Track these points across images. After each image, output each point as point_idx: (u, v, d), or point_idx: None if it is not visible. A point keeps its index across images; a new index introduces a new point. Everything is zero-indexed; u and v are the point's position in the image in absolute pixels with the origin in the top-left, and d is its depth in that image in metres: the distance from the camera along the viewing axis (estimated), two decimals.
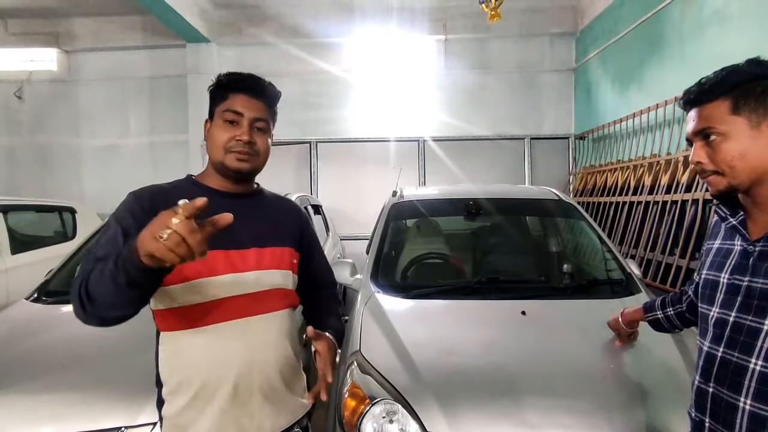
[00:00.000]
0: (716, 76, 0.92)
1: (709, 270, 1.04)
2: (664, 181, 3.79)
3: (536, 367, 1.51)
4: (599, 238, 2.40)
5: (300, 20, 6.11)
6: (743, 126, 0.89)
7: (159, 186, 1.08)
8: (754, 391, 0.88)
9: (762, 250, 0.91)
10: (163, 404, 1.04)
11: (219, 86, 1.08)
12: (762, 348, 0.88)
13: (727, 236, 1.02)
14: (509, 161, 5.84)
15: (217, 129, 1.05)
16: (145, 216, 0.88)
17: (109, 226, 0.98)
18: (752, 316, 0.90)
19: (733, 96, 0.90)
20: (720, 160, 0.91)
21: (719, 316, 0.97)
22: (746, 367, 0.89)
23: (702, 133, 0.93)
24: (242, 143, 1.03)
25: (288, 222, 1.18)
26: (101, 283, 0.83)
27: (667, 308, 1.35)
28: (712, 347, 0.97)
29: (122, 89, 6.52)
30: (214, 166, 1.08)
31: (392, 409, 1.36)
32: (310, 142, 5.81)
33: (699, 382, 1.00)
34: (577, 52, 6.13)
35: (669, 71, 4.08)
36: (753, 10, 3.12)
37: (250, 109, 1.05)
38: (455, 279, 2.42)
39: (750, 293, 0.91)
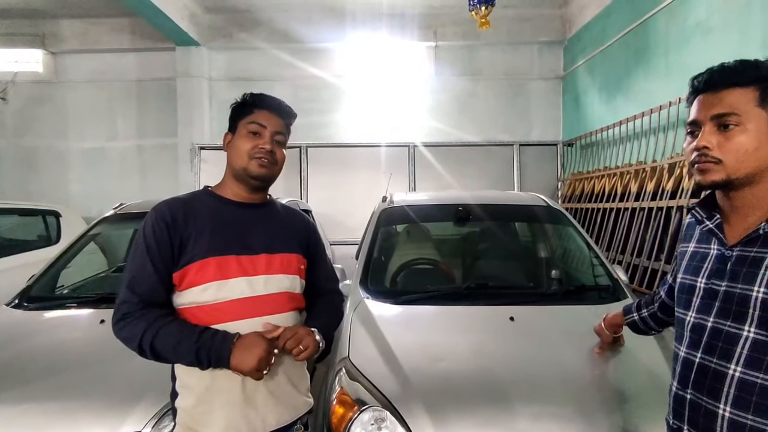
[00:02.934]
0: (743, 62, 0.88)
1: (685, 274, 1.02)
2: (650, 188, 3.85)
3: (524, 373, 1.51)
4: (587, 244, 2.42)
5: (291, 25, 6.12)
6: (764, 121, 0.86)
7: (177, 198, 1.18)
8: (734, 398, 0.86)
9: (739, 255, 0.90)
10: (177, 396, 1.12)
11: (244, 104, 1.20)
12: (741, 354, 0.86)
13: (702, 240, 1.00)
14: (498, 167, 5.87)
15: (242, 139, 1.17)
16: (168, 230, 1.09)
17: (136, 248, 1.10)
18: (731, 321, 0.89)
19: (761, 88, 0.86)
20: (731, 150, 0.86)
21: (696, 321, 0.95)
22: (725, 374, 0.88)
23: (719, 119, 0.87)
24: (265, 151, 1.15)
25: (296, 229, 1.28)
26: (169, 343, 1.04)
27: (642, 310, 1.35)
28: (689, 353, 0.95)
29: (110, 92, 6.45)
30: (235, 173, 1.18)
31: (381, 416, 1.35)
32: (301, 147, 5.78)
33: (676, 388, 0.98)
34: (565, 60, 6.22)
35: (654, 81, 4.16)
36: (734, 22, 3.20)
37: (271, 124, 1.18)
38: (444, 285, 2.43)
39: (728, 298, 0.90)
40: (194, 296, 1.09)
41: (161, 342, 1.03)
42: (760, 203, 0.89)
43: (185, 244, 1.10)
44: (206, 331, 1.05)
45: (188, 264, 1.09)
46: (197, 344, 1.02)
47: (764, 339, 0.84)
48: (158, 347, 1.04)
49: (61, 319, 2.12)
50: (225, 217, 1.15)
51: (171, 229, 1.09)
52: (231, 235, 1.13)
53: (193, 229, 1.11)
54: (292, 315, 1.19)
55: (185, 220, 1.11)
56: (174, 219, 1.10)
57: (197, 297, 1.09)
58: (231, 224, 1.15)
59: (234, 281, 1.10)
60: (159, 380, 1.25)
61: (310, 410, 1.25)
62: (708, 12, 3.47)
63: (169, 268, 1.09)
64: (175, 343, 1.03)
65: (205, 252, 1.09)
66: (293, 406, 1.18)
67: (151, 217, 1.11)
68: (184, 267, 1.09)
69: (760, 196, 0.89)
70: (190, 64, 6.16)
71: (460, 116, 6.29)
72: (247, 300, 1.11)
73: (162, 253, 1.08)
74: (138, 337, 1.04)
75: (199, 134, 6.13)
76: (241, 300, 1.10)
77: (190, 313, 1.09)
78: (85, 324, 2.04)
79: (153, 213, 1.12)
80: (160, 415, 1.40)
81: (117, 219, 2.73)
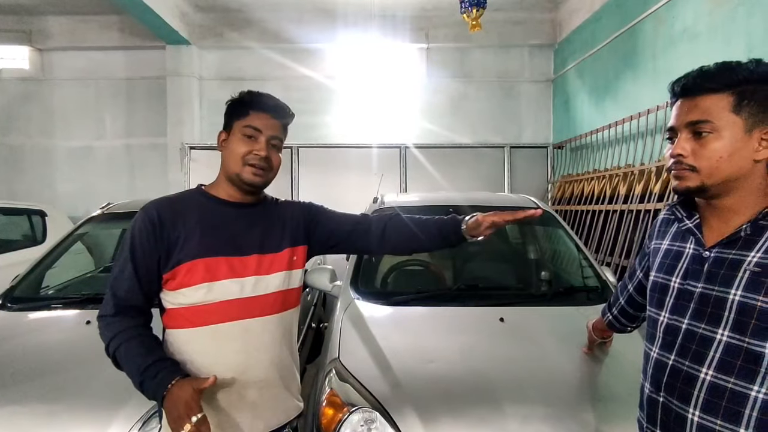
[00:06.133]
0: (721, 66, 0.86)
1: (658, 272, 1.00)
2: (638, 191, 3.90)
3: (514, 374, 1.52)
4: (576, 246, 2.45)
5: (283, 25, 6.09)
6: (739, 128, 0.84)
7: (168, 198, 1.16)
8: (704, 403, 0.85)
9: (717, 257, 0.89)
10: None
11: (240, 102, 1.15)
12: (714, 358, 0.85)
13: (678, 238, 0.99)
14: (489, 169, 5.91)
15: (237, 142, 1.13)
16: (154, 232, 1.07)
17: (123, 248, 1.09)
18: (705, 324, 0.87)
19: (736, 93, 0.84)
20: (705, 157, 0.86)
21: (670, 322, 0.94)
22: (697, 377, 0.87)
23: (693, 125, 0.87)
24: (259, 157, 1.12)
25: (289, 222, 1.23)
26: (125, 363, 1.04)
27: (612, 309, 1.33)
28: (662, 354, 0.94)
29: (98, 90, 6.36)
30: (228, 176, 1.15)
31: (370, 417, 1.35)
32: (292, 148, 5.77)
33: (649, 391, 0.96)
34: (556, 63, 6.28)
35: (642, 85, 4.22)
36: (719, 28, 3.26)
37: (268, 127, 1.14)
38: (435, 286, 2.43)
39: (703, 300, 0.89)
40: (184, 297, 1.08)
41: (120, 357, 1.05)
42: (740, 209, 0.88)
43: (174, 245, 1.08)
44: (153, 366, 1.01)
45: (178, 265, 1.07)
46: (141, 377, 1.01)
47: (738, 343, 0.83)
48: (119, 360, 1.05)
49: (45, 320, 2.09)
50: (217, 218, 1.13)
51: (158, 231, 1.08)
52: (222, 237, 1.12)
53: (183, 229, 1.09)
54: (283, 316, 1.17)
55: (174, 220, 1.10)
56: (162, 220, 1.09)
57: (187, 298, 1.08)
58: (223, 225, 1.13)
59: (223, 283, 1.09)
60: None
61: (300, 413, 1.23)
62: (694, 18, 3.53)
63: (152, 270, 1.08)
64: (128, 364, 1.04)
65: (195, 253, 1.08)
66: (284, 409, 1.17)
67: (139, 217, 1.10)
68: (174, 268, 1.07)
69: (740, 201, 0.88)
70: (181, 62, 6.10)
71: (452, 118, 6.32)
72: (236, 302, 1.09)
73: (145, 256, 1.07)
74: (106, 343, 1.06)
75: (189, 134, 6.07)
76: (230, 302, 1.09)
77: (180, 314, 1.08)
78: (70, 325, 2.01)
79: (141, 213, 1.10)
80: (146, 417, 1.38)
81: (104, 219, 2.69)
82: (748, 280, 0.83)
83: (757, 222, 0.85)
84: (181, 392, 0.97)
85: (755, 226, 0.85)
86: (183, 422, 0.93)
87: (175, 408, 0.95)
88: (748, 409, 0.81)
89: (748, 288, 0.83)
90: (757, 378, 0.81)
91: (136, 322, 1.07)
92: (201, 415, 0.95)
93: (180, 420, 0.94)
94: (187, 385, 0.98)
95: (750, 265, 0.84)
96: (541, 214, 1.18)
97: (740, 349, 0.83)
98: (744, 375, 0.82)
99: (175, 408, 0.95)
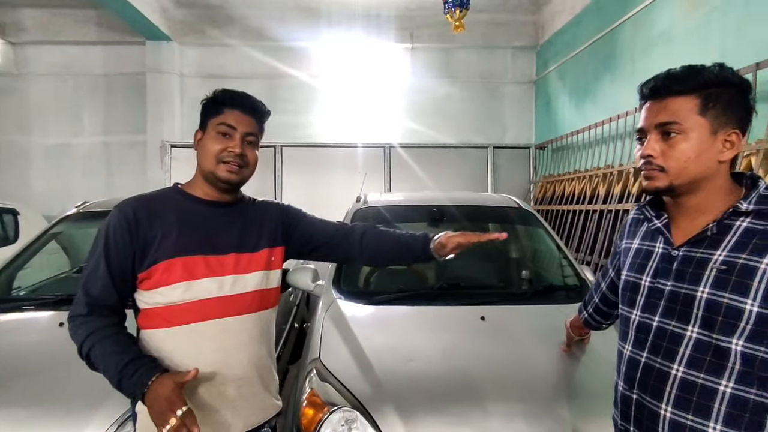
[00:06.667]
0: (687, 69, 0.89)
1: (629, 271, 1.02)
2: (617, 191, 3.98)
3: (494, 372, 1.53)
4: (556, 245, 2.48)
5: (265, 23, 6.03)
6: (705, 129, 0.87)
7: (144, 196, 1.14)
8: (675, 398, 0.87)
9: (685, 256, 0.90)
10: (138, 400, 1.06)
11: (214, 101, 1.15)
12: (684, 354, 0.87)
13: (647, 237, 1.01)
14: (473, 169, 5.96)
15: (211, 140, 1.12)
16: (129, 231, 1.05)
17: (96, 246, 1.06)
18: (675, 321, 0.89)
19: (702, 96, 0.86)
20: (673, 158, 0.88)
21: (642, 320, 0.96)
22: (668, 374, 0.88)
23: (662, 127, 0.89)
24: (234, 154, 1.11)
25: (267, 222, 1.23)
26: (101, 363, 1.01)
27: (588, 307, 1.35)
28: (635, 352, 0.96)
29: (75, 86, 6.20)
30: (204, 175, 1.14)
31: (351, 417, 1.35)
32: (275, 146, 5.72)
33: (623, 388, 0.98)
34: (538, 65, 6.36)
35: (621, 87, 4.30)
36: (694, 32, 3.35)
37: (242, 124, 1.13)
38: (417, 285, 2.44)
39: (673, 298, 0.90)
40: (161, 297, 1.06)
41: (95, 357, 1.01)
42: (707, 208, 0.91)
43: (150, 244, 1.06)
44: (130, 364, 0.98)
45: (154, 264, 1.05)
46: (120, 375, 0.98)
47: (706, 339, 0.85)
48: (93, 361, 1.02)
49: (17, 322, 2.03)
50: (194, 217, 1.12)
51: (133, 230, 1.06)
52: (199, 235, 1.11)
53: (159, 228, 1.07)
54: (258, 316, 1.16)
55: (150, 219, 1.08)
56: (137, 219, 1.07)
57: (164, 297, 1.06)
58: (200, 224, 1.12)
59: (201, 282, 1.08)
60: None
61: (278, 413, 1.23)
62: (670, 23, 3.61)
63: (127, 269, 1.05)
64: (104, 364, 1.01)
65: (172, 252, 1.06)
66: (262, 408, 1.17)
67: (114, 215, 1.07)
68: (150, 267, 1.05)
69: (706, 201, 0.91)
70: (161, 59, 5.99)
71: (436, 118, 6.35)
72: (214, 300, 1.09)
73: (119, 255, 1.05)
74: (78, 344, 1.03)
75: (169, 131, 5.97)
76: (208, 300, 1.08)
77: (156, 314, 1.06)
78: (42, 327, 1.96)
79: (116, 211, 1.08)
80: (121, 420, 1.36)
81: (80, 218, 2.62)
82: (715, 278, 0.85)
83: (723, 221, 0.88)
84: (162, 388, 0.95)
85: (721, 225, 0.88)
86: (167, 417, 0.91)
87: (157, 404, 0.93)
88: (717, 404, 0.83)
89: (715, 285, 0.85)
90: (725, 373, 0.83)
91: (110, 321, 1.05)
92: (186, 408, 0.92)
93: (164, 415, 0.91)
94: (167, 379, 0.96)
95: (716, 263, 0.86)
96: (505, 237, 1.24)
97: (709, 345, 0.85)
98: (713, 370, 0.84)
99: (158, 404, 0.93)
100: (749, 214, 0.86)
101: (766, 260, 0.81)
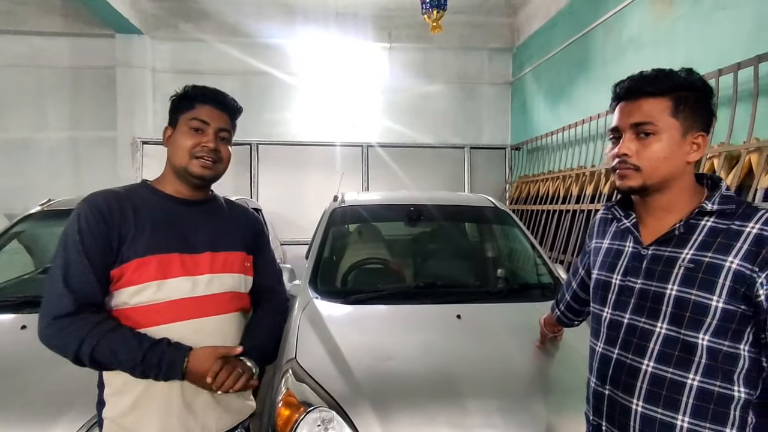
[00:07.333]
0: (659, 72, 0.92)
1: (600, 270, 1.04)
2: (589, 191, 4.09)
3: (470, 369, 1.55)
4: (531, 244, 2.53)
5: (241, 19, 5.92)
6: (676, 131, 0.90)
7: (111, 190, 1.09)
8: (646, 393, 0.90)
9: (654, 254, 0.93)
10: (104, 406, 1.05)
11: (185, 97, 1.13)
12: (654, 349, 0.90)
13: (617, 237, 1.03)
14: (450, 169, 6.02)
15: (183, 135, 1.10)
16: (104, 222, 1.00)
17: (68, 243, 1.00)
18: (645, 318, 0.92)
19: (674, 98, 0.89)
20: (647, 158, 0.90)
21: (613, 318, 0.98)
22: (639, 369, 0.91)
23: (638, 127, 0.91)
24: (208, 149, 1.10)
25: (241, 226, 1.23)
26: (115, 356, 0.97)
27: (560, 304, 1.39)
28: (607, 349, 0.98)
29: (39, 78, 5.93)
30: (176, 170, 1.12)
31: (327, 417, 1.34)
32: (251, 144, 5.62)
33: (595, 384, 1.00)
34: (514, 67, 6.47)
35: (594, 90, 4.42)
36: (662, 38, 3.47)
37: (215, 120, 1.12)
38: (394, 284, 2.44)
39: (643, 295, 0.93)
40: (128, 297, 1.02)
41: (102, 354, 0.96)
42: (674, 207, 0.94)
43: (123, 240, 1.02)
44: (153, 348, 0.98)
45: (125, 262, 1.01)
46: (143, 364, 0.96)
47: (674, 335, 0.88)
48: (100, 358, 0.97)
49: None
50: (166, 214, 1.09)
51: (108, 220, 1.01)
52: (173, 233, 1.07)
53: (132, 224, 1.03)
54: (235, 316, 1.16)
55: (122, 213, 1.04)
56: (110, 209, 1.03)
57: (131, 298, 1.02)
58: (173, 221, 1.09)
59: (175, 281, 1.05)
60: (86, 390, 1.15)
61: (252, 414, 1.21)
62: (640, 29, 3.73)
63: (107, 263, 1.00)
64: (119, 356, 0.97)
65: (145, 250, 1.03)
66: (235, 410, 1.15)
67: (84, 208, 1.02)
68: (120, 266, 1.01)
69: (673, 200, 0.94)
70: (132, 53, 5.80)
71: (414, 118, 6.37)
72: (188, 300, 1.06)
73: (99, 247, 0.99)
74: (75, 346, 0.95)
75: (141, 128, 5.79)
76: (181, 300, 1.05)
77: (125, 315, 1.02)
78: (3, 330, 1.87)
79: (85, 204, 1.03)
80: (87, 427, 1.31)
81: (44, 216, 2.52)
82: (682, 276, 0.89)
83: (689, 221, 0.91)
84: (202, 361, 1.01)
85: (687, 225, 0.91)
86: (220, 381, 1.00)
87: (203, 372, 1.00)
88: (685, 397, 0.86)
89: (683, 283, 0.88)
90: (692, 367, 0.86)
91: (104, 316, 1.00)
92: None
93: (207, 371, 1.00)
94: (207, 351, 1.02)
95: (684, 261, 0.89)
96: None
97: (677, 340, 0.88)
98: (681, 364, 0.87)
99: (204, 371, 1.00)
100: (713, 214, 0.90)
101: (730, 258, 0.85)
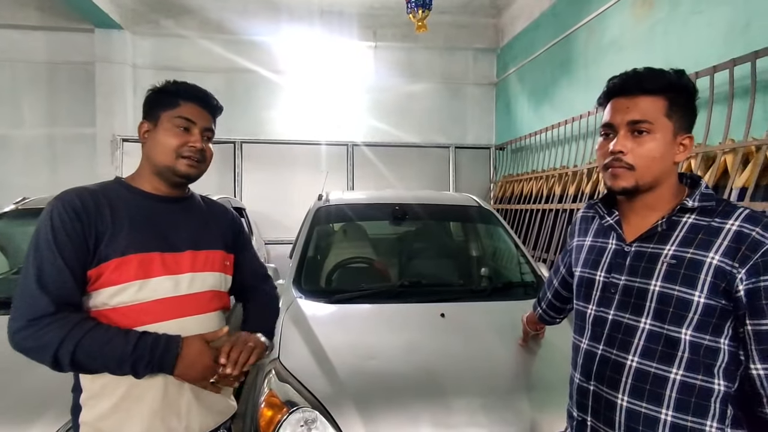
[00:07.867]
0: (652, 70, 0.92)
1: (583, 268, 1.05)
2: (571, 191, 4.15)
3: (454, 368, 1.56)
4: (514, 243, 2.55)
5: (225, 15, 5.84)
6: (669, 131, 0.90)
7: (85, 187, 1.06)
8: (630, 387, 0.91)
9: (637, 251, 0.95)
10: (80, 410, 1.01)
11: (167, 92, 1.10)
12: (638, 345, 0.91)
13: (600, 234, 1.04)
14: (435, 168, 6.04)
15: (167, 133, 1.08)
16: (79, 219, 0.97)
17: (40, 242, 0.96)
18: (629, 314, 0.93)
19: (668, 98, 0.90)
20: (641, 156, 0.90)
21: (597, 314, 0.99)
22: (624, 364, 0.92)
23: (634, 125, 0.91)
24: (195, 150, 1.09)
25: (220, 224, 1.22)
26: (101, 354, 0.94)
27: (542, 302, 1.40)
28: (591, 345, 0.99)
29: (13, 73, 5.75)
30: (158, 168, 1.09)
31: (311, 417, 1.33)
32: (235, 143, 5.56)
33: (579, 380, 1.00)
34: (498, 67, 6.52)
35: (576, 91, 4.48)
36: (641, 41, 3.55)
37: (201, 119, 1.11)
38: (379, 283, 2.44)
39: (627, 292, 0.94)
40: (107, 297, 0.99)
41: (85, 352, 0.92)
42: (657, 206, 0.96)
43: (100, 239, 0.98)
44: (142, 338, 0.95)
45: (104, 262, 0.98)
46: (133, 356, 0.93)
47: (658, 330, 0.90)
48: (81, 359, 0.92)
49: None
50: (145, 212, 1.06)
51: (83, 218, 0.98)
52: (153, 231, 1.05)
53: (109, 222, 1.00)
54: (216, 315, 1.14)
55: (99, 211, 1.00)
56: (85, 207, 0.99)
57: (111, 298, 0.99)
58: (152, 219, 1.06)
59: (157, 280, 1.03)
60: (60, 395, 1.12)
61: (233, 415, 1.20)
62: (621, 31, 3.80)
63: (84, 263, 0.97)
64: (104, 354, 0.93)
65: (125, 248, 1.00)
66: (218, 410, 1.13)
67: (57, 205, 0.98)
68: (98, 265, 0.98)
69: (658, 199, 0.95)
70: (112, 48, 5.67)
71: (399, 117, 6.38)
72: (170, 300, 1.04)
73: (74, 246, 0.95)
74: (53, 347, 0.91)
75: (121, 125, 5.66)
76: (164, 300, 1.03)
77: (104, 317, 0.99)
78: None
79: (58, 201, 0.99)
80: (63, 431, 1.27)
81: (18, 215, 2.45)
82: (665, 272, 0.90)
83: (671, 218, 0.93)
84: (196, 347, 1.01)
85: (670, 222, 0.93)
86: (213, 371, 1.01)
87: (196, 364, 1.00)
88: (668, 391, 0.88)
89: (666, 279, 0.90)
90: (675, 361, 0.88)
91: (85, 315, 0.97)
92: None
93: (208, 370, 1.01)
94: (196, 340, 1.01)
95: (667, 257, 0.91)
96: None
97: (660, 335, 0.90)
98: (664, 359, 0.89)
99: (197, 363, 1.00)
100: (694, 211, 0.92)
101: (711, 254, 0.87)
